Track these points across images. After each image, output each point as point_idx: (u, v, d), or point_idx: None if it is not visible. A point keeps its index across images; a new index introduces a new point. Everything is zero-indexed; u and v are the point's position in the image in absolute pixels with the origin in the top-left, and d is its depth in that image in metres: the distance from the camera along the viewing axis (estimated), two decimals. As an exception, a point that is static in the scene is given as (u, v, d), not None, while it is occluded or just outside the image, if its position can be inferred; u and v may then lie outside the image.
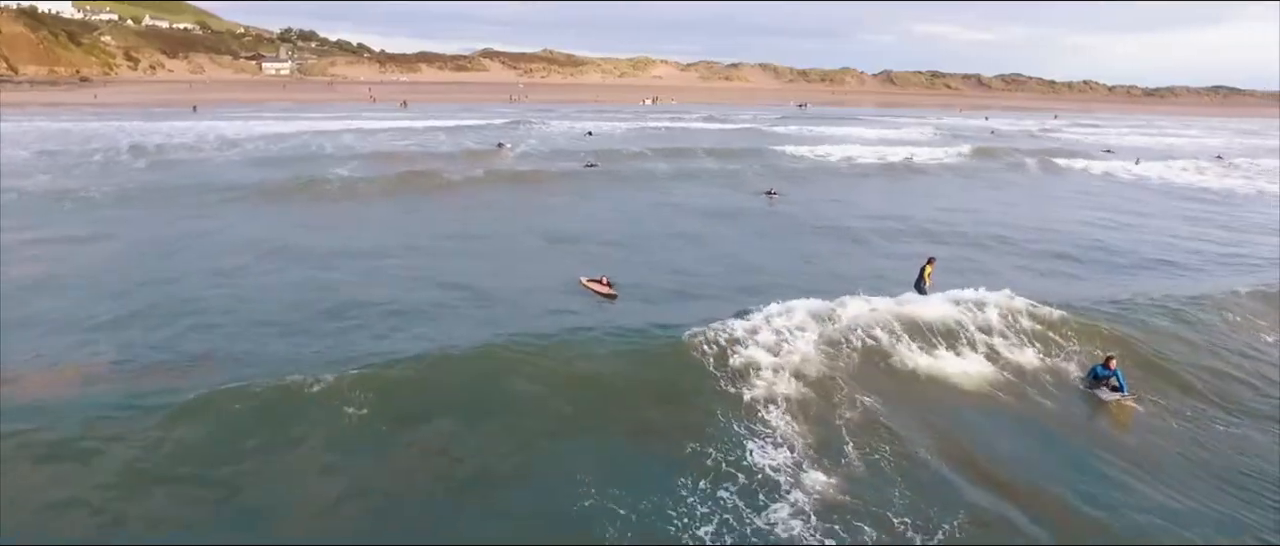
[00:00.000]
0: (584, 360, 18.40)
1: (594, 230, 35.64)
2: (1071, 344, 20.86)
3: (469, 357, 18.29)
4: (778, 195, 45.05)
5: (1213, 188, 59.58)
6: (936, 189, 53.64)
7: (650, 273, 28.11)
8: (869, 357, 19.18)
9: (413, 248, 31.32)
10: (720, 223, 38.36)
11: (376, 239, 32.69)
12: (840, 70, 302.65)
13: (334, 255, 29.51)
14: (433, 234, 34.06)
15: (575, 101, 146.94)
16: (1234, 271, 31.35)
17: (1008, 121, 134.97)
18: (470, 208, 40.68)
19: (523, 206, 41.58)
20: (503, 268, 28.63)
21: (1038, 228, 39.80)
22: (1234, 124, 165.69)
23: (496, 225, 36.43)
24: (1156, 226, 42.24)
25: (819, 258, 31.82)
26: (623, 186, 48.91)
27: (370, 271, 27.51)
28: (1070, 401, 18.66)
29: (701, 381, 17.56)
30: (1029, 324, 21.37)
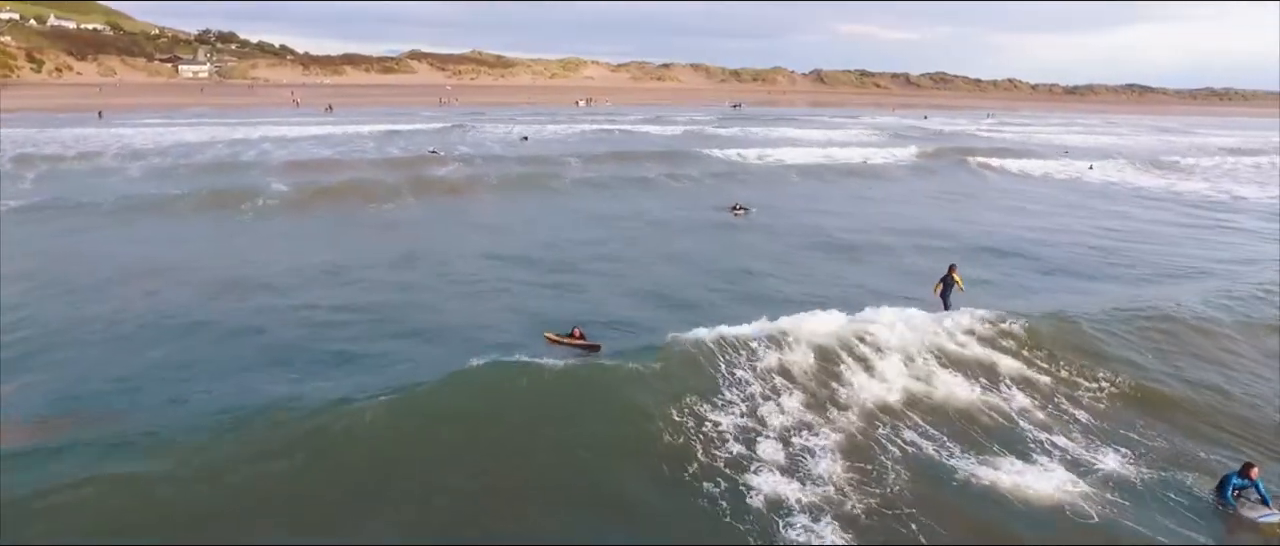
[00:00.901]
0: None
1: (541, 249, 32.06)
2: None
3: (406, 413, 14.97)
4: (744, 211, 40.64)
5: (1180, 190, 58.40)
6: (910, 195, 51.49)
7: (620, 304, 24.67)
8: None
9: (334, 271, 27.45)
10: (685, 237, 35.24)
11: (291, 260, 28.79)
12: (772, 70, 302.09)
13: (235, 283, 25.62)
14: (357, 254, 30.16)
15: (507, 104, 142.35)
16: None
17: (944, 120, 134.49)
18: (400, 223, 36.78)
19: (459, 220, 37.84)
20: (440, 297, 24.93)
21: (1043, 238, 37.51)
22: (1150, 120, 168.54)
23: (431, 243, 32.64)
24: (1169, 235, 40.26)
25: (817, 279, 28.69)
26: (568, 196, 45.49)
27: (275, 302, 23.75)
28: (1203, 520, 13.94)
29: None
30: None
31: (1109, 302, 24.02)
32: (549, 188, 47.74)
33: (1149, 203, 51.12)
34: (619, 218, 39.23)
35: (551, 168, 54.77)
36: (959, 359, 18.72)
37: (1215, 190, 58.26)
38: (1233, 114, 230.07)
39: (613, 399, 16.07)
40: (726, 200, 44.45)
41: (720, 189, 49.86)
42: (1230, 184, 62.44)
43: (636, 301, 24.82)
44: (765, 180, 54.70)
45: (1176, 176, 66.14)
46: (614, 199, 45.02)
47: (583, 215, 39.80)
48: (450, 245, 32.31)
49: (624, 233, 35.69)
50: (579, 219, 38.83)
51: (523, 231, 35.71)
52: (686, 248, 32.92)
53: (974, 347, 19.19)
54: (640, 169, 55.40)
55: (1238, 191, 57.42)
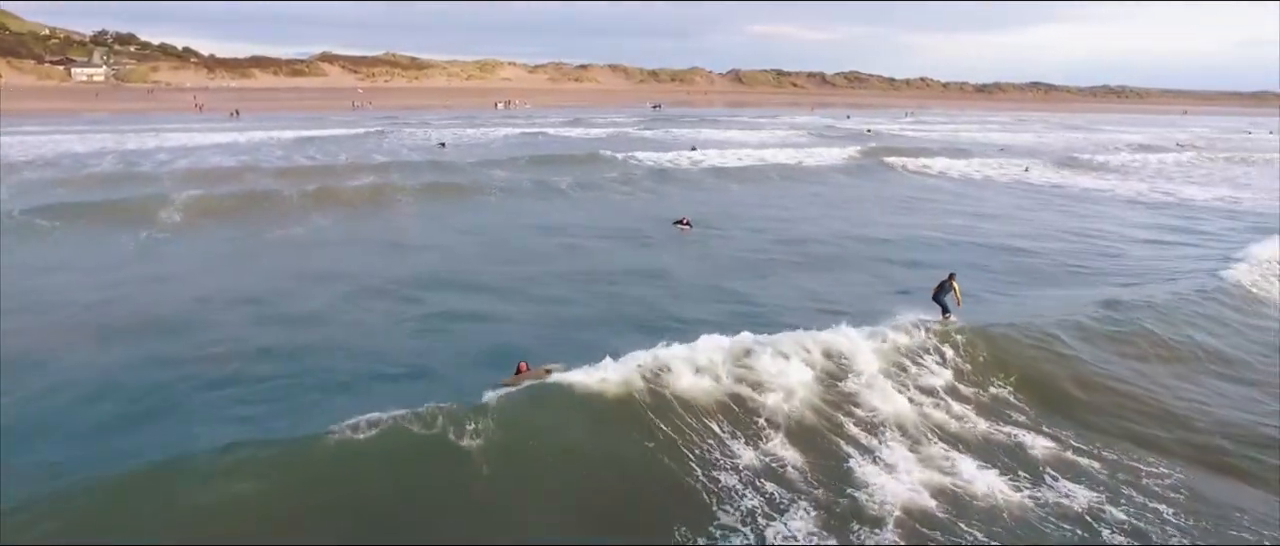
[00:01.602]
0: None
1: (468, 268, 29.03)
2: None
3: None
4: (689, 226, 36.99)
5: (1126, 192, 57.98)
6: (858, 199, 49.81)
7: (564, 334, 21.86)
8: None
9: (232, 301, 23.99)
10: (628, 251, 32.55)
11: (181, 287, 25.26)
12: (690, 70, 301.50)
13: (107, 319, 22.07)
14: (260, 279, 26.70)
15: (424, 107, 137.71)
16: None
17: (865, 119, 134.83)
18: (311, 241, 33.28)
19: (376, 237, 34.49)
20: (353, 329, 21.82)
21: (1021, 244, 36.01)
22: (1057, 118, 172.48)
23: (346, 263, 29.29)
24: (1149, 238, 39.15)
25: (790, 295, 26.26)
26: (496, 208, 42.33)
27: (154, 341, 20.32)
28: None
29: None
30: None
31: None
32: (474, 198, 44.60)
33: (1107, 205, 50.10)
34: (554, 230, 36.37)
35: (475, 176, 51.55)
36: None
37: (1155, 190, 57.71)
38: (1129, 110, 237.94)
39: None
40: (666, 207, 42.04)
41: (658, 195, 47.47)
42: (1165, 183, 62.28)
43: (583, 329, 22.11)
44: (701, 186, 52.48)
45: (1115, 177, 65.70)
46: (546, 209, 42.11)
47: (513, 228, 36.82)
48: (367, 265, 29.05)
49: (561, 248, 32.85)
50: (510, 233, 35.82)
51: (447, 248, 32.57)
52: (632, 263, 30.28)
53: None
54: (570, 175, 52.50)
55: (1181, 192, 56.93)
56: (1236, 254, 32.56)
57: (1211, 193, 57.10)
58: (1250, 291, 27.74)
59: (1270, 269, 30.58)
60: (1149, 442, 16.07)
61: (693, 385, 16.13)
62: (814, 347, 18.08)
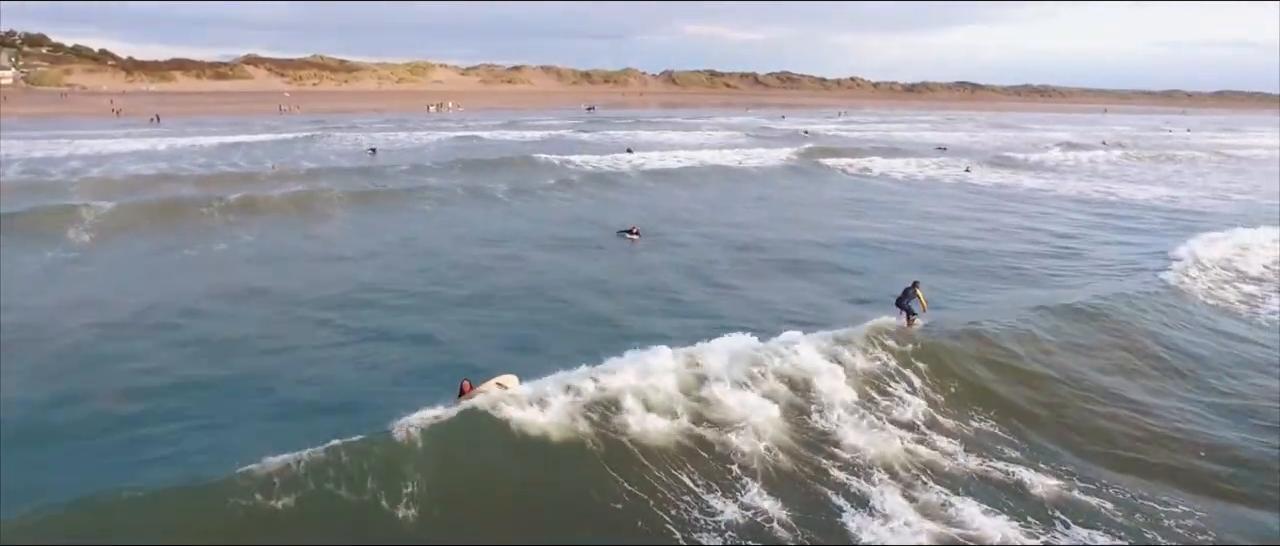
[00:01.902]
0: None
1: (403, 281, 27.43)
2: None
3: None
4: (639, 236, 35.01)
5: (1068, 192, 58.45)
6: (805, 201, 49.28)
7: (520, 363, 20.42)
8: None
9: (147, 324, 22.11)
10: (574, 260, 31.05)
11: (89, 308, 23.20)
12: (623, 71, 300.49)
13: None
14: (179, 296, 24.77)
15: (354, 111, 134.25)
16: None
17: (801, 119, 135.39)
18: (235, 255, 31.23)
19: (305, 249, 32.62)
20: (280, 352, 20.20)
21: (978, 244, 35.56)
22: (984, 116, 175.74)
23: (273, 278, 27.47)
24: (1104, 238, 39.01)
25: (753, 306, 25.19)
26: (432, 217, 40.54)
27: (55, 366, 18.53)
28: None
29: None
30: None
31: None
32: (408, 207, 42.76)
33: (1053, 205, 50.00)
34: (493, 240, 34.85)
35: (408, 183, 49.66)
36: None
37: (1095, 189, 57.92)
38: (1053, 109, 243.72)
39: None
40: (609, 213, 40.90)
41: (600, 200, 46.21)
42: (1103, 182, 62.72)
43: (528, 347, 20.80)
44: (643, 190, 51.30)
45: (1053, 176, 66.15)
46: (483, 217, 40.54)
47: (450, 238, 35.19)
48: (294, 281, 27.26)
49: (501, 259, 31.34)
50: (447, 243, 34.18)
51: (380, 260, 30.83)
52: (577, 274, 28.93)
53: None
54: (507, 181, 50.93)
55: (1120, 192, 57.25)
56: (1181, 253, 32.53)
57: (1150, 192, 57.63)
58: (1198, 292, 27.68)
59: (1221, 273, 30.65)
60: (1153, 472, 15.25)
61: (650, 428, 14.85)
62: (770, 372, 17.08)
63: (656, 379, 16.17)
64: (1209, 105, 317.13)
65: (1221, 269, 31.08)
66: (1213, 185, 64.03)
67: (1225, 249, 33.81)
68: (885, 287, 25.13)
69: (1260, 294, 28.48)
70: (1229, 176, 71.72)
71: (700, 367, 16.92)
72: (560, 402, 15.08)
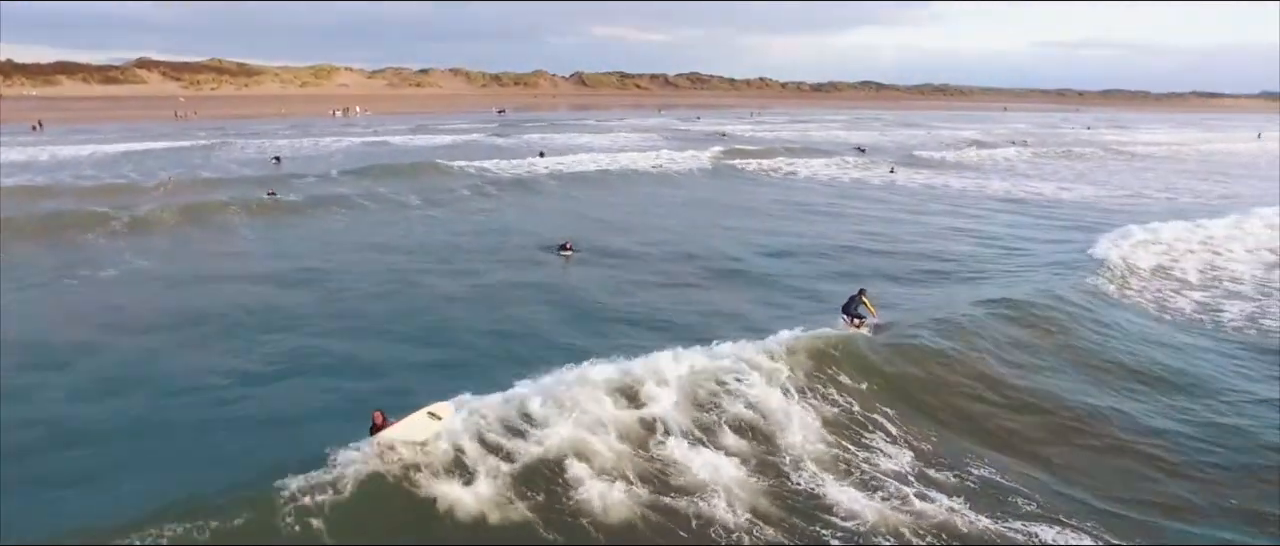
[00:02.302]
0: None
1: (318, 303, 25.29)
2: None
3: None
4: (572, 252, 32.55)
5: (996, 191, 58.61)
6: (740, 205, 48.06)
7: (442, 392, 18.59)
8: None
9: (24, 363, 19.55)
10: (509, 272, 29.16)
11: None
12: (533, 74, 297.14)
13: None
14: (64, 325, 22.26)
15: (256, 116, 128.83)
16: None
17: (715, 120, 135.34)
18: (124, 276, 28.49)
19: (202, 268, 29.99)
20: (174, 393, 17.97)
21: (921, 247, 34.74)
22: (891, 115, 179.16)
23: (166, 303, 25.02)
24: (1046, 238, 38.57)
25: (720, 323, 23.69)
26: (344, 230, 38.06)
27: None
28: None
29: None
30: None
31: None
32: (316, 219, 40.24)
33: (985, 206, 49.91)
34: (409, 252, 32.78)
35: (316, 193, 46.98)
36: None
37: (1022, 189, 58.03)
38: (955, 107, 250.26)
39: None
40: (532, 221, 39.24)
41: (523, 208, 44.31)
42: (1026, 182, 62.97)
43: (452, 373, 18.96)
44: (568, 196, 49.58)
45: (976, 175, 66.57)
46: (398, 228, 38.28)
47: (363, 251, 32.94)
48: (188, 304, 24.85)
49: (419, 274, 29.33)
50: (359, 257, 31.94)
51: (285, 278, 28.51)
52: (509, 287, 27.23)
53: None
54: (422, 190, 48.61)
55: (1044, 190, 57.60)
56: (1113, 256, 32.43)
57: (1077, 191, 58.22)
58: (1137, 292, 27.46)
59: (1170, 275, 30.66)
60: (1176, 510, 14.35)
61: (605, 496, 13.18)
62: (728, 418, 15.81)
63: (600, 439, 14.47)
64: (1098, 103, 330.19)
65: (1162, 271, 31.20)
66: (1129, 183, 65.25)
67: (1163, 249, 34.07)
68: (832, 294, 24.15)
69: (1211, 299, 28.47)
70: (1140, 172, 73.49)
71: (647, 409, 15.50)
72: (490, 471, 13.26)
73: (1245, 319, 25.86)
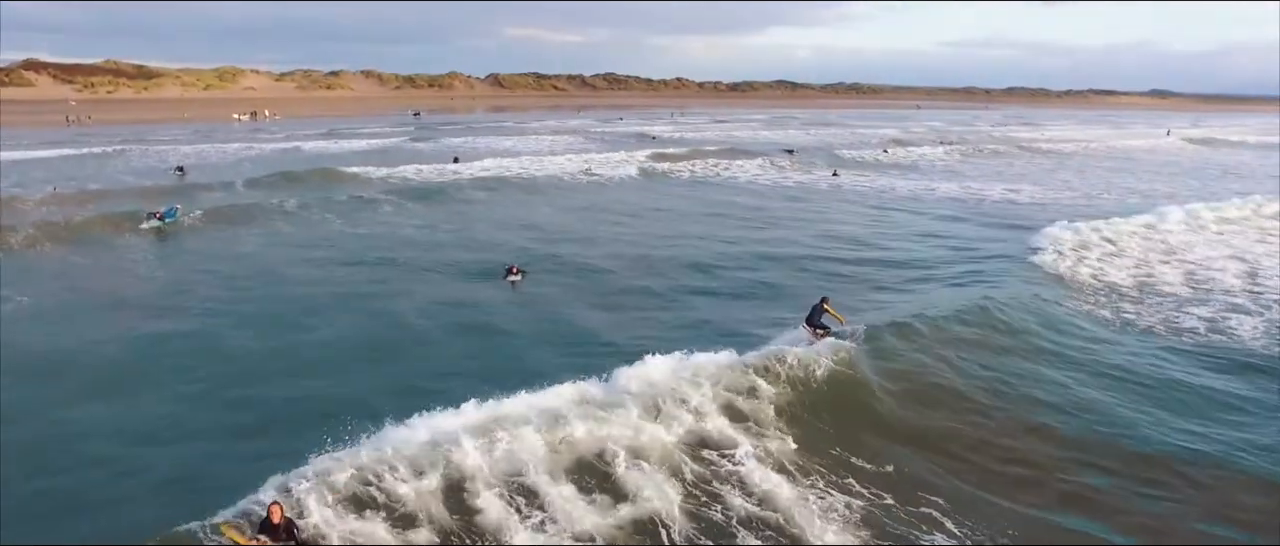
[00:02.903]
0: None
1: (222, 336, 21.84)
2: None
3: None
4: (521, 276, 28.29)
5: (943, 194, 57.34)
6: (677, 211, 45.58)
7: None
8: None
9: None
10: (439, 289, 26.02)
11: None
12: (447, 75, 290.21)
13: None
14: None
15: (156, 121, 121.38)
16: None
17: (639, 120, 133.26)
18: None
19: (96, 293, 26.12)
20: (51, 454, 14.54)
21: (896, 253, 32.34)
22: (808, 115, 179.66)
23: (42, 338, 21.27)
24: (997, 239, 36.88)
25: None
26: (253, 252, 34.07)
27: None
28: None
29: None
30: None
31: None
32: (222, 236, 36.30)
33: (942, 210, 48.06)
34: (331, 274, 29.38)
35: (225, 205, 42.86)
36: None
37: (970, 192, 56.20)
38: (869, 106, 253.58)
39: None
40: (470, 236, 36.05)
41: (457, 221, 40.84)
42: (973, 183, 61.27)
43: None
44: (498, 204, 46.35)
45: (918, 177, 64.95)
46: (316, 247, 34.56)
47: (278, 272, 29.41)
48: (74, 338, 21.27)
49: (342, 299, 26.03)
50: (273, 282, 28.42)
51: (188, 304, 24.97)
52: (446, 309, 24.14)
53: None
54: (342, 203, 44.80)
55: (993, 192, 56.42)
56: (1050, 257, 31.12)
57: (1023, 191, 57.20)
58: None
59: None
60: None
61: None
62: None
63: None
64: (1003, 100, 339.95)
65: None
66: (1074, 182, 64.65)
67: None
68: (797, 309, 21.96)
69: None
70: (1083, 172, 73.35)
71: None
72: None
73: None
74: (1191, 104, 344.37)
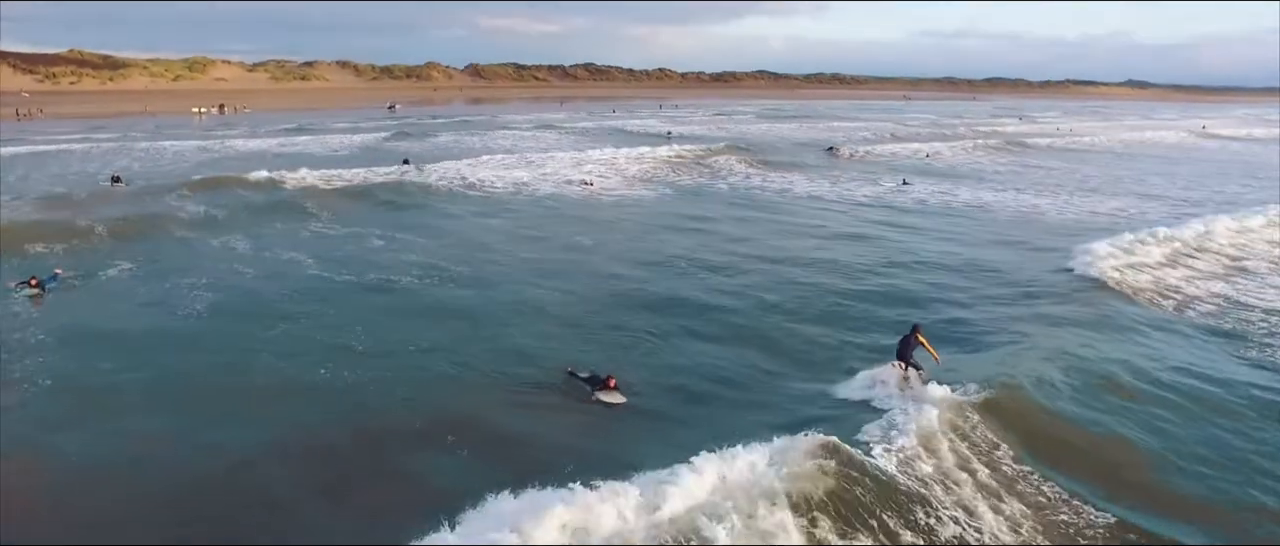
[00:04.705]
0: None
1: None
2: None
3: None
4: (619, 395, 17.22)
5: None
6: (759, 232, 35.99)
7: None
8: None
9: None
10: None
11: None
12: (426, 66, 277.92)
13: None
14: None
15: (114, 115, 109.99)
16: None
17: (628, 115, 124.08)
18: None
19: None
20: None
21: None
22: (794, 105, 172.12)
23: None
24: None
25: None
26: (192, 295, 24.68)
27: None
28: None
29: None
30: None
31: None
32: (117, 292, 26.91)
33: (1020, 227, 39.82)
34: (323, 330, 20.15)
35: (153, 227, 33.37)
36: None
37: (1067, 205, 47.00)
38: (856, 97, 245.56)
39: None
40: (502, 305, 26.63)
41: (432, 244, 31.54)
42: (1058, 196, 51.78)
43: None
44: (534, 224, 36.75)
45: (992, 187, 53.78)
46: (300, 281, 25.33)
47: (226, 332, 20.18)
48: None
49: (300, 371, 16.95)
50: (224, 344, 19.22)
51: (132, 350, 15.79)
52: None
53: None
54: (309, 232, 35.57)
55: (1072, 204, 47.91)
56: None
57: (1122, 201, 48.59)
58: None
59: None
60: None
61: None
62: None
63: None
64: (984, 90, 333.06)
65: None
66: (1157, 183, 56.11)
67: None
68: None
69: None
70: (1153, 174, 65.05)
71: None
72: None
73: None
74: (1169, 95, 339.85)
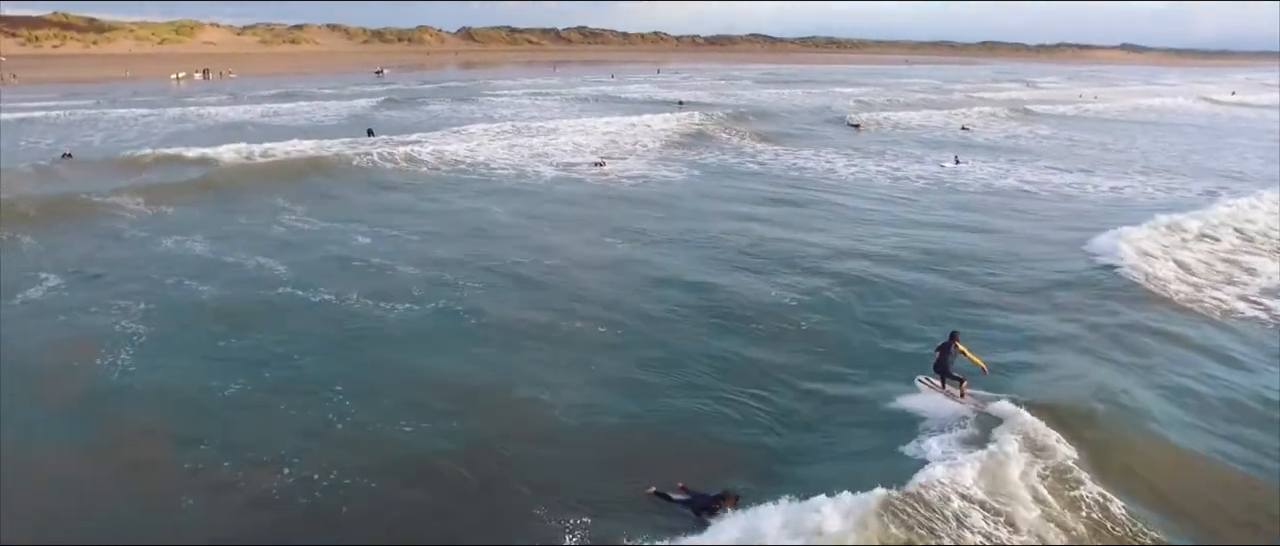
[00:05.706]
0: None
1: None
2: None
3: None
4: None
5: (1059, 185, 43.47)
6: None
7: None
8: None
9: None
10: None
11: None
12: (417, 29, 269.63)
13: None
14: None
15: (94, 80, 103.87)
16: None
17: (626, 78, 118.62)
18: None
19: None
20: None
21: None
22: (791, 70, 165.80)
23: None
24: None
25: None
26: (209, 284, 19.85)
27: None
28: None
29: None
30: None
31: None
32: (123, 269, 22.13)
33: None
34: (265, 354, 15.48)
35: (120, 226, 28.50)
36: None
37: (1150, 184, 41.71)
38: (855, 61, 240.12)
39: None
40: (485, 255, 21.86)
41: (476, 236, 26.70)
42: (1129, 177, 47.55)
43: None
44: (549, 215, 31.96)
45: (1048, 166, 47.13)
46: (261, 269, 20.61)
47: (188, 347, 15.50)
48: None
49: (270, 394, 12.34)
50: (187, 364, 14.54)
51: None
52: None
53: None
54: (290, 195, 30.76)
55: (1142, 185, 42.76)
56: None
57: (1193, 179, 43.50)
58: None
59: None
60: None
61: None
62: None
63: None
64: (980, 53, 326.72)
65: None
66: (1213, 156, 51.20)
67: None
68: None
69: None
70: (1201, 145, 60.34)
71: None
72: None
73: None
74: (1164, 59, 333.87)
